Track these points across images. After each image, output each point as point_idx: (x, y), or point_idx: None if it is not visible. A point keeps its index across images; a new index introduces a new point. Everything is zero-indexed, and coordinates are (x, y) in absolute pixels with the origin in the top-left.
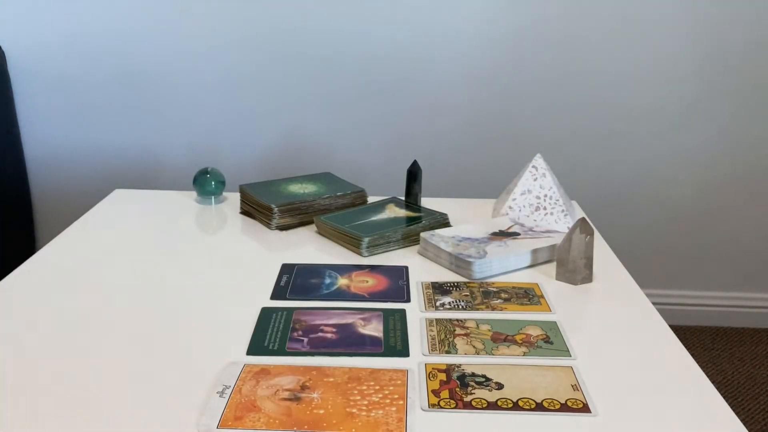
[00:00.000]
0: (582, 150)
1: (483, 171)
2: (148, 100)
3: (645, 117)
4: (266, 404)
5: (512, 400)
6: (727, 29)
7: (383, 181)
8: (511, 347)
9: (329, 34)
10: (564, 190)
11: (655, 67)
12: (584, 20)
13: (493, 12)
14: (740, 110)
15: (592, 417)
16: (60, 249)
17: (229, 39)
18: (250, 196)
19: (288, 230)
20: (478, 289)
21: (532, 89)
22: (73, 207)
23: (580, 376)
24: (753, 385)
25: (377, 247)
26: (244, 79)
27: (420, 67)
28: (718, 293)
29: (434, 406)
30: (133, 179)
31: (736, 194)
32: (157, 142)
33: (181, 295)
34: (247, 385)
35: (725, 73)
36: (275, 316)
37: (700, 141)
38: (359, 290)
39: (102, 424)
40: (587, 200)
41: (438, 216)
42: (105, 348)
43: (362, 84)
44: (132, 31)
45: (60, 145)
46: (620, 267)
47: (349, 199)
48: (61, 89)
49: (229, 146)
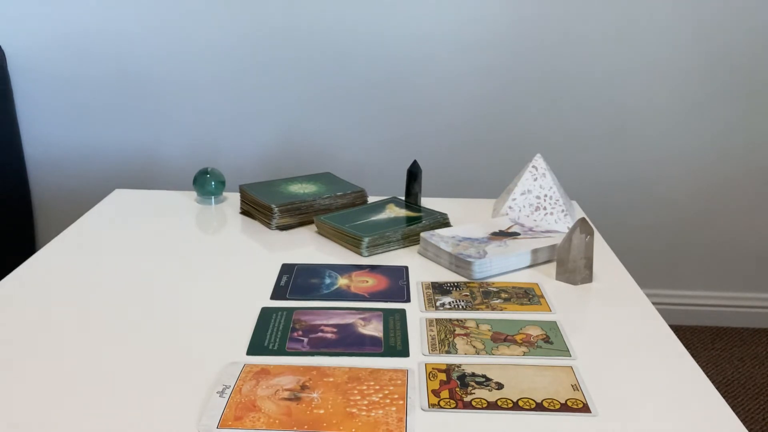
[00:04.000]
0: (582, 150)
1: (483, 171)
2: (148, 100)
3: (645, 117)
4: (266, 404)
5: (512, 400)
6: (728, 30)
7: (383, 181)
8: (511, 347)
9: (329, 35)
10: (564, 190)
11: (656, 67)
12: (585, 20)
13: (494, 12)
14: (740, 111)
15: (592, 417)
16: (60, 249)
17: (230, 39)
18: (250, 196)
19: (288, 230)
20: (478, 289)
21: (533, 89)
22: (73, 207)
23: (580, 376)
24: (753, 385)
25: (377, 247)
26: (244, 79)
27: (420, 66)
28: (718, 293)
29: (434, 406)
30: (133, 179)
31: (737, 194)
32: (157, 142)
33: (181, 295)
34: (247, 385)
35: (725, 73)
36: (275, 316)
37: (700, 141)
38: (359, 290)
39: (102, 423)
40: (587, 200)
41: (438, 216)
42: (105, 348)
43: (362, 84)
44: (132, 31)
45: (60, 145)
46: (620, 267)
47: (349, 199)
48: (61, 89)
49: (229, 146)
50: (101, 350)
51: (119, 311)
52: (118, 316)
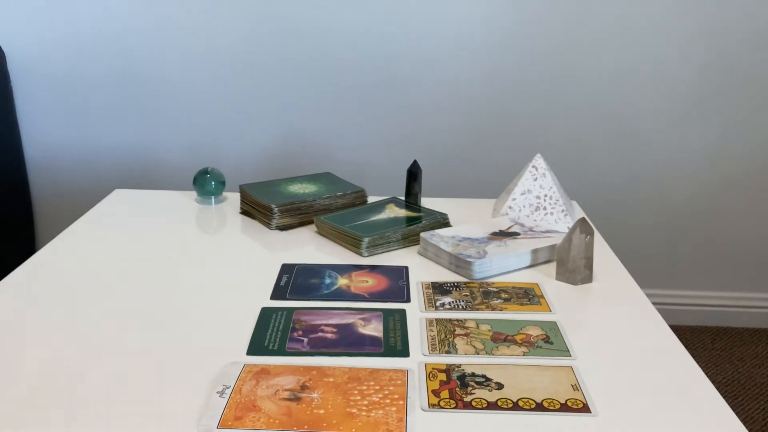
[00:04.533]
0: (582, 150)
1: (483, 171)
2: (148, 100)
3: (645, 117)
4: (266, 404)
5: (512, 400)
6: (729, 32)
7: (383, 181)
8: (511, 347)
9: (330, 35)
10: (564, 190)
11: (656, 67)
12: (585, 20)
13: (494, 12)
14: (740, 111)
15: (592, 417)
16: (60, 249)
17: (230, 39)
18: (250, 196)
19: (288, 230)
20: (478, 289)
21: (533, 89)
22: (73, 207)
23: (580, 376)
24: (753, 385)
25: (377, 247)
26: (244, 79)
27: (420, 67)
28: (718, 293)
29: (434, 406)
30: (133, 179)
31: (737, 194)
32: (157, 142)
33: (180, 295)
34: (247, 385)
35: (726, 74)
36: (275, 316)
37: (700, 141)
38: (359, 290)
39: (102, 423)
40: (587, 200)
41: (438, 216)
42: (104, 348)
43: (362, 84)
44: (132, 31)
45: (60, 145)
46: (620, 267)
47: (349, 199)
48: (61, 89)
49: (229, 146)
50: (101, 350)
51: (119, 311)
52: (118, 316)
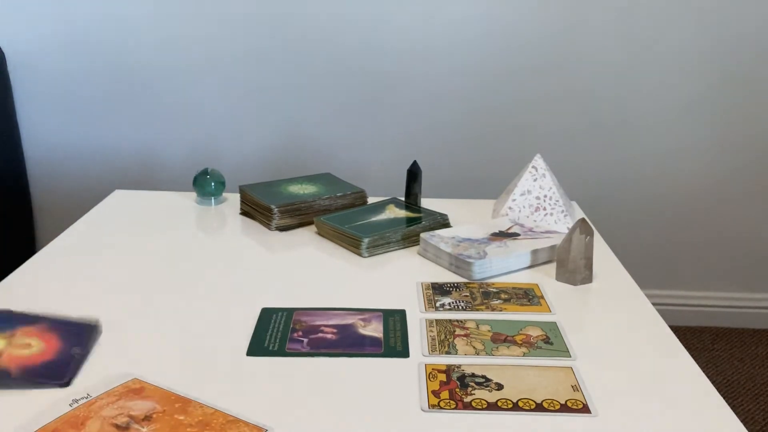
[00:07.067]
0: (582, 150)
1: (483, 171)
2: (148, 101)
3: (646, 118)
4: (93, 425)
5: (512, 401)
6: (730, 25)
7: (383, 181)
8: (511, 348)
9: (329, 35)
10: (564, 190)
11: (656, 66)
12: (585, 19)
13: (495, 12)
14: (741, 109)
15: (592, 417)
16: (60, 249)
17: (230, 40)
18: (250, 197)
19: (288, 231)
20: (478, 290)
21: (533, 89)
22: (73, 207)
23: (580, 376)
24: (753, 385)
25: (377, 248)
26: (244, 79)
27: (420, 67)
28: (718, 293)
29: (434, 407)
30: (133, 179)
31: (736, 194)
32: (157, 142)
33: (180, 296)
34: (105, 401)
35: (726, 71)
36: (275, 316)
37: (700, 141)
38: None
39: None
40: (587, 200)
41: (438, 216)
42: (104, 348)
43: (362, 84)
44: (132, 32)
45: (60, 144)
46: (620, 267)
47: (349, 199)
48: (61, 89)
49: (229, 146)
50: (100, 350)
51: (119, 312)
52: (118, 316)
